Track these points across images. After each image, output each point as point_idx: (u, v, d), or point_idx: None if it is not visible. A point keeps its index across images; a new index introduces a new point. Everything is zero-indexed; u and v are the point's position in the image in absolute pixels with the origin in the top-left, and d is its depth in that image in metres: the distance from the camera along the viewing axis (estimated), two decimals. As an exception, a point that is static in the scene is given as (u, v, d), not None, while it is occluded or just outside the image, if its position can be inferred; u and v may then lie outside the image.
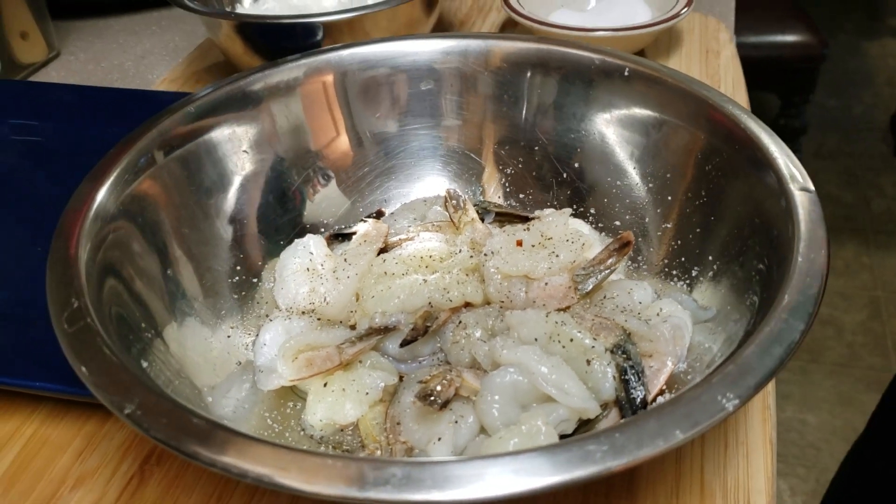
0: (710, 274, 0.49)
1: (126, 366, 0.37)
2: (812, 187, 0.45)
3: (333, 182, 0.59)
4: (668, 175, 0.53)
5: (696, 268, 0.50)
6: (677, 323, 0.47)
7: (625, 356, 0.44)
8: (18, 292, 0.57)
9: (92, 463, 0.47)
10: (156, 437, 0.33)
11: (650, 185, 0.54)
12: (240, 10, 0.87)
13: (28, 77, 0.93)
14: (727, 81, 0.83)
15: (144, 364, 0.40)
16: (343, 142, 0.59)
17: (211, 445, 0.33)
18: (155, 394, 0.35)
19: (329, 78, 0.58)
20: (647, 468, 0.45)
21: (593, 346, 0.44)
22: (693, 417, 0.33)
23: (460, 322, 0.48)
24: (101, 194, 0.46)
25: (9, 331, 0.54)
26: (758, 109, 0.58)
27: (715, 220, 0.50)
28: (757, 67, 2.14)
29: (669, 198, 0.53)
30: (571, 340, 0.44)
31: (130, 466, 0.47)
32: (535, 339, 0.45)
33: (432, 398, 0.43)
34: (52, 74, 0.94)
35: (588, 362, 0.43)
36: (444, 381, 0.44)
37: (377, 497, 0.30)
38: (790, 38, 2.12)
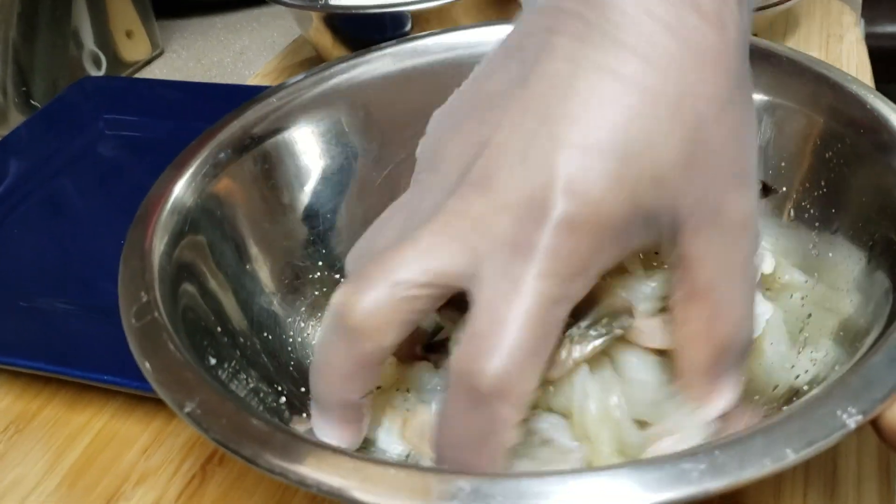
0: (832, 272, 0.44)
1: (191, 364, 0.35)
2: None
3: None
4: (783, 164, 0.48)
5: (814, 266, 0.45)
6: None
7: None
8: (97, 287, 0.57)
9: (156, 460, 0.47)
10: (214, 438, 0.32)
11: (763, 174, 0.49)
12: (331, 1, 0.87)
13: (132, 75, 0.95)
14: (850, 67, 0.77)
15: (213, 361, 0.39)
16: (431, 132, 0.56)
17: (271, 450, 0.31)
18: (218, 394, 0.34)
19: (414, 66, 0.55)
20: (743, 494, 0.40)
21: None
22: (807, 435, 0.29)
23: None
24: (179, 187, 0.45)
25: (84, 324, 0.54)
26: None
27: (836, 212, 0.45)
28: (893, 59, 2.00)
29: (784, 189, 0.48)
30: None
31: (193, 465, 0.46)
32: None
33: None
34: (156, 72, 0.96)
35: None
36: None
37: (443, 511, 0.28)
38: (931, 27, 1.97)
